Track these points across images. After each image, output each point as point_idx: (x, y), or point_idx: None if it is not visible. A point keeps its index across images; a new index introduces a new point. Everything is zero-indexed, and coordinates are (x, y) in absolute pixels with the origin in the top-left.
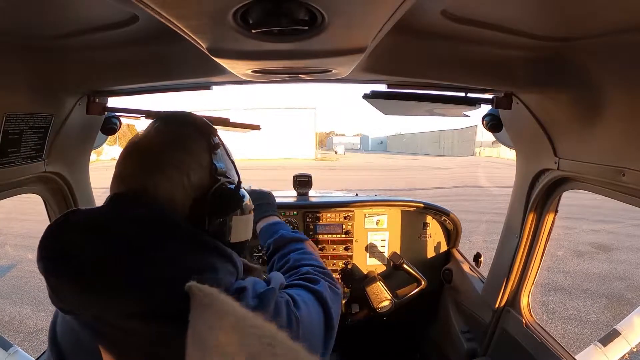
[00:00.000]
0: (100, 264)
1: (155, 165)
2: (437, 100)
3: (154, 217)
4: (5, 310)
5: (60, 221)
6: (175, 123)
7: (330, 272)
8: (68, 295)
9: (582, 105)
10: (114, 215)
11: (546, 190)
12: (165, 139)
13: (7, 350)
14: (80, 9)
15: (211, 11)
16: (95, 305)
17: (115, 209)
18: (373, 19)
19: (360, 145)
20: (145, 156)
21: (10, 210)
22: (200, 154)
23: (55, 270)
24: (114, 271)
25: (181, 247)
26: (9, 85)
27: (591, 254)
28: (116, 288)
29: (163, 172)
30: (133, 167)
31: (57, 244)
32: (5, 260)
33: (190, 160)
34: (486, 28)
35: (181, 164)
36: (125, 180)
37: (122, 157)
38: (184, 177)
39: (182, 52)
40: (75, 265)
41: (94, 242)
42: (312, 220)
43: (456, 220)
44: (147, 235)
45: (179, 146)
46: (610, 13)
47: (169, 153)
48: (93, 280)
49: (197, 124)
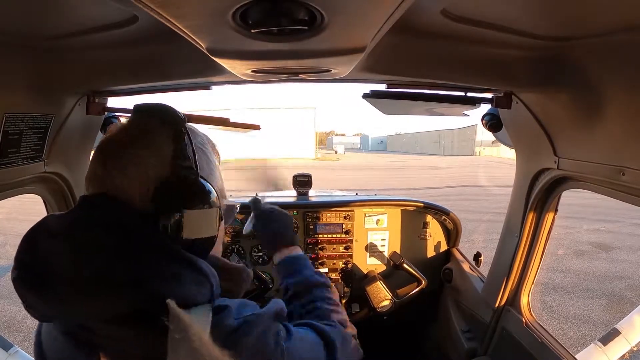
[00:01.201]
0: (64, 273)
1: (115, 165)
2: (437, 100)
3: (111, 222)
4: (6, 310)
5: (32, 230)
6: (143, 116)
7: (353, 331)
8: (35, 304)
9: (582, 105)
10: (82, 221)
11: (546, 189)
12: (128, 136)
13: (7, 350)
14: (80, 9)
15: (211, 11)
16: (63, 313)
17: (82, 213)
18: (372, 19)
19: (360, 145)
20: (109, 156)
21: (10, 210)
22: (162, 147)
23: (21, 280)
24: (77, 280)
25: (138, 253)
26: (9, 85)
27: (591, 253)
28: (80, 295)
29: (123, 171)
30: (99, 168)
31: (25, 254)
32: (5, 260)
33: (150, 155)
34: (486, 27)
35: (141, 161)
36: (92, 182)
37: (93, 156)
38: (143, 174)
39: (182, 52)
40: (39, 275)
41: (59, 250)
42: (312, 220)
43: (456, 219)
44: (106, 241)
45: (141, 142)
46: (610, 13)
47: (131, 150)
48: (57, 290)
49: (164, 115)
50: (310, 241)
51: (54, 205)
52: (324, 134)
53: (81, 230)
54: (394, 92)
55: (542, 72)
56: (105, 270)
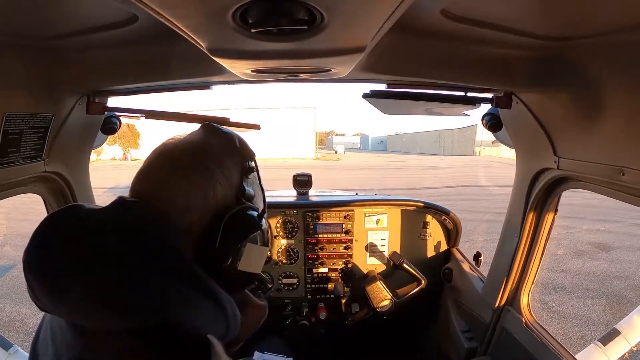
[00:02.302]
0: (76, 269)
1: (182, 168)
2: (437, 100)
3: (151, 226)
4: (6, 310)
5: (57, 215)
6: (212, 133)
7: None
8: (38, 294)
9: (582, 105)
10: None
11: (546, 189)
12: (198, 145)
13: (7, 350)
14: (80, 9)
15: (211, 11)
16: (64, 311)
17: (118, 211)
18: (372, 18)
19: (360, 145)
20: (175, 156)
21: (10, 210)
22: (232, 172)
23: (30, 266)
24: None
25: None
26: (9, 85)
27: (591, 253)
28: (85, 299)
29: (187, 177)
30: (159, 166)
31: (42, 241)
32: (5, 260)
33: (221, 175)
34: (486, 27)
35: (209, 174)
36: (142, 181)
37: (153, 155)
38: (210, 189)
39: (182, 52)
40: (50, 265)
41: (78, 245)
42: (312, 220)
43: (456, 219)
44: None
45: (212, 156)
46: (610, 13)
47: (200, 160)
48: (65, 285)
49: (237, 141)
50: (310, 241)
51: (54, 205)
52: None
53: (112, 235)
54: (394, 92)
55: (542, 72)
56: (125, 282)
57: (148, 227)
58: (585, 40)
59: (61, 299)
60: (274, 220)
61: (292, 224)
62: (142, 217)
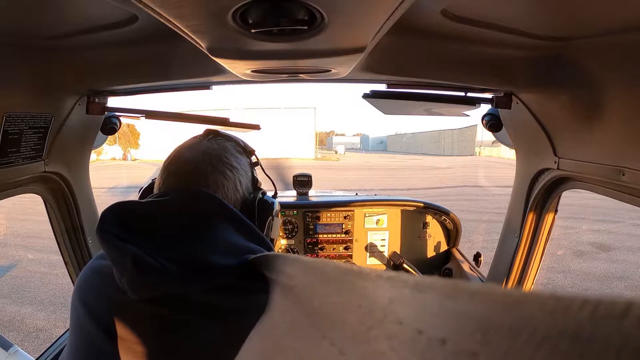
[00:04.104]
0: (177, 243)
1: (214, 166)
2: (437, 100)
3: (219, 207)
4: (5, 310)
5: (120, 208)
6: (223, 138)
7: None
8: (144, 266)
9: (582, 105)
10: (184, 205)
11: (546, 189)
12: (219, 148)
13: (7, 350)
14: (80, 9)
15: (211, 11)
16: (167, 282)
17: (182, 199)
18: (372, 19)
19: (360, 145)
20: (204, 158)
21: (10, 210)
22: (245, 165)
23: (136, 243)
24: (191, 250)
25: (240, 234)
26: (9, 85)
27: (591, 253)
28: (193, 266)
29: (221, 172)
30: (193, 167)
31: (128, 223)
32: (5, 260)
33: (240, 168)
34: (486, 28)
35: (234, 169)
36: (186, 177)
37: (176, 157)
38: (237, 180)
39: (182, 52)
40: (155, 241)
41: (170, 226)
42: (312, 220)
43: (456, 219)
44: (214, 222)
45: (231, 156)
46: (610, 13)
47: (225, 159)
48: (173, 258)
49: (241, 141)
50: (310, 241)
51: (54, 205)
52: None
53: (191, 210)
54: (394, 92)
55: (542, 72)
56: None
57: (215, 204)
58: (585, 40)
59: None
60: (279, 227)
61: (292, 224)
62: (206, 198)
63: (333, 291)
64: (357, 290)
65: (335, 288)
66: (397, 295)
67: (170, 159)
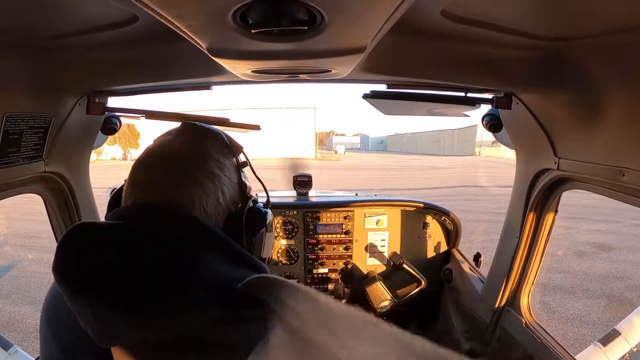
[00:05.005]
0: (145, 285)
1: (189, 176)
2: (437, 100)
3: (195, 230)
4: (5, 310)
5: (80, 240)
6: (202, 135)
7: None
8: (107, 319)
9: (582, 105)
10: (152, 232)
11: (546, 190)
12: (196, 150)
13: (7, 350)
14: (80, 9)
15: (211, 11)
16: (138, 329)
17: (150, 222)
18: (372, 19)
19: (360, 145)
20: (178, 165)
21: (10, 210)
22: (230, 170)
23: (96, 295)
24: (163, 291)
25: (223, 260)
26: (9, 85)
27: (591, 253)
28: (167, 308)
29: (199, 184)
30: (165, 176)
31: (87, 264)
32: (5, 260)
33: (222, 175)
34: (486, 28)
35: (215, 178)
36: (155, 189)
37: (145, 162)
38: (219, 191)
39: (182, 52)
40: (118, 288)
41: (136, 264)
42: (312, 220)
43: (456, 220)
44: (190, 250)
45: (211, 159)
46: (609, 13)
47: (203, 164)
48: (140, 303)
49: (225, 139)
50: (310, 241)
51: (54, 205)
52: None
53: (155, 243)
54: (394, 93)
55: (542, 72)
56: (187, 282)
57: (189, 227)
58: (585, 40)
59: (135, 316)
60: (273, 220)
61: (292, 225)
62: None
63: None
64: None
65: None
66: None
67: (139, 163)
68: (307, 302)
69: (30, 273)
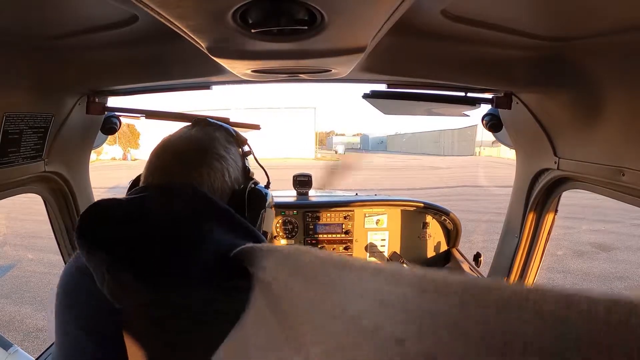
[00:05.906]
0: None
1: (200, 158)
2: (437, 100)
3: (202, 202)
4: (5, 310)
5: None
6: (212, 127)
7: None
8: (121, 277)
9: (582, 105)
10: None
11: (546, 190)
12: (206, 138)
13: (7, 350)
14: (80, 9)
15: (211, 11)
16: (148, 290)
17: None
18: (373, 19)
19: (360, 145)
20: (190, 151)
21: (10, 210)
22: (235, 155)
23: (111, 255)
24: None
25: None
26: (9, 85)
27: (591, 253)
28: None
29: (207, 164)
30: (177, 161)
31: (104, 228)
32: (5, 260)
33: (228, 158)
34: (486, 28)
35: (222, 159)
36: (168, 172)
37: (159, 151)
38: (225, 171)
39: (182, 52)
40: (130, 251)
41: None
42: (312, 220)
43: (456, 219)
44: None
45: (220, 145)
46: (610, 13)
47: (212, 149)
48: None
49: (231, 130)
50: (310, 241)
51: (54, 205)
52: (324, 134)
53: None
54: (394, 92)
55: (542, 72)
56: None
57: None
58: (585, 40)
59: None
60: (273, 220)
61: (292, 224)
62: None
63: (307, 286)
64: (335, 285)
65: (310, 282)
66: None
67: (156, 150)
68: (274, 256)
69: (30, 273)
